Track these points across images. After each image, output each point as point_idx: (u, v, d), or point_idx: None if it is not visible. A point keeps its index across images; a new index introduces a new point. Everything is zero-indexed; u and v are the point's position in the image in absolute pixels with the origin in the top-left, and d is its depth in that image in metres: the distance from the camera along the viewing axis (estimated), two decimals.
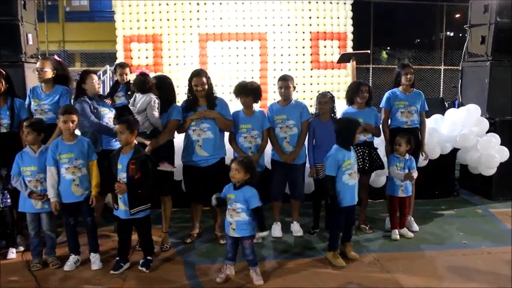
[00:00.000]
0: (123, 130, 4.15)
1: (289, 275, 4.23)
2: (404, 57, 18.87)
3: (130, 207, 4.17)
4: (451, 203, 6.51)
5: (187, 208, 5.30)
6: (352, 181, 4.46)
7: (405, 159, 5.15)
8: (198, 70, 4.97)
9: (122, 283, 4.06)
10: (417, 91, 5.54)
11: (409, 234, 5.13)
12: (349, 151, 4.49)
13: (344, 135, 4.49)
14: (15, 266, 4.43)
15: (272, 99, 7.69)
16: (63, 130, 4.34)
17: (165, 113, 4.75)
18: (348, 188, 4.44)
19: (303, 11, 8.88)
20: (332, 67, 8.97)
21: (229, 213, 4.06)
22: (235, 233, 4.04)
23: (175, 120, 4.80)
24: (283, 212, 5.35)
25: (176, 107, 4.88)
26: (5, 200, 4.56)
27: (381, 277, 4.20)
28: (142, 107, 4.56)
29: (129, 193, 4.15)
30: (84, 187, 4.32)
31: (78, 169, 4.28)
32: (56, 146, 4.30)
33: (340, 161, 4.41)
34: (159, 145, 4.62)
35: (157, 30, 8.65)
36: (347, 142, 4.48)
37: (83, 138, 4.42)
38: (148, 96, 4.58)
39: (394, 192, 5.17)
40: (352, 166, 4.47)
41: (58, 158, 4.26)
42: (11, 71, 5.07)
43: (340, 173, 4.42)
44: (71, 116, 4.26)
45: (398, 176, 5.10)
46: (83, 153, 4.32)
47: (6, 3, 5.91)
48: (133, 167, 4.14)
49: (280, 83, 5.12)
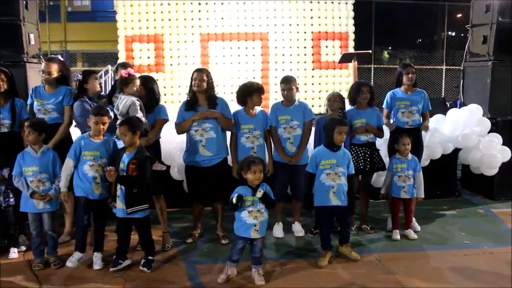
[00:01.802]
0: (126, 132, 4.16)
1: (291, 276, 4.23)
2: (406, 57, 18.88)
3: (127, 206, 4.17)
4: (453, 203, 6.50)
5: (189, 208, 5.31)
6: (329, 182, 4.41)
7: (408, 160, 5.14)
8: (201, 67, 4.98)
9: (123, 283, 4.06)
10: (420, 90, 5.54)
11: (412, 236, 5.11)
12: (334, 152, 4.45)
13: (325, 134, 4.51)
14: (17, 266, 4.43)
15: (274, 99, 7.71)
16: (93, 130, 4.35)
17: (151, 113, 4.74)
18: (323, 188, 4.42)
19: (305, 11, 8.90)
20: (334, 67, 8.99)
21: (252, 216, 3.99)
22: (257, 234, 4.02)
23: (163, 120, 4.81)
24: (284, 213, 5.35)
25: (162, 106, 4.90)
26: (8, 199, 4.57)
27: (382, 277, 4.19)
28: (123, 110, 4.51)
29: (125, 192, 4.16)
30: (103, 186, 4.33)
31: (102, 168, 4.29)
32: (81, 141, 4.34)
33: (318, 159, 4.42)
34: (148, 145, 4.61)
35: (159, 30, 8.67)
36: (328, 141, 4.47)
37: (109, 138, 4.44)
38: (128, 99, 4.52)
39: (397, 194, 5.16)
40: (333, 167, 4.41)
41: (83, 154, 4.28)
42: (13, 71, 5.07)
43: (319, 172, 4.43)
44: (103, 118, 4.30)
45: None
46: (109, 153, 4.35)
47: (8, 3, 5.92)
48: (133, 167, 4.15)
49: (282, 85, 5.10)
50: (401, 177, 5.13)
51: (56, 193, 4.37)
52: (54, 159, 4.40)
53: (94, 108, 4.46)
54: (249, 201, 4.00)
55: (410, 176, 5.13)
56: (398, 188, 5.14)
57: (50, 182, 4.37)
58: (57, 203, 4.44)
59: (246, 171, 3.99)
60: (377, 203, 6.01)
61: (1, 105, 4.79)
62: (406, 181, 5.12)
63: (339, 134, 4.41)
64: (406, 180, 5.12)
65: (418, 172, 5.17)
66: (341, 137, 4.44)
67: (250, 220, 4.01)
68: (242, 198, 3.97)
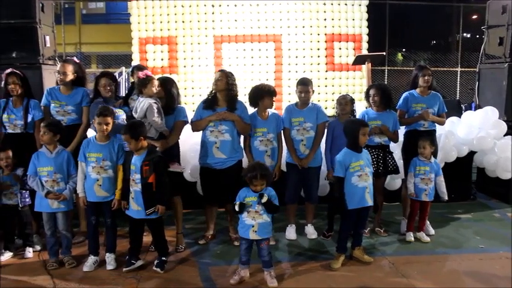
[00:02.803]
0: (128, 139, 4.17)
1: (303, 278, 4.22)
2: (420, 59, 18.77)
3: (146, 208, 4.19)
4: (468, 206, 6.43)
5: (202, 209, 5.32)
6: (362, 183, 4.41)
7: (430, 163, 5.09)
8: (224, 69, 5.02)
9: (136, 283, 4.08)
10: (435, 93, 5.49)
11: (425, 239, 5.07)
12: (359, 153, 4.45)
13: (349, 137, 4.49)
14: (32, 265, 4.47)
15: (287, 101, 7.70)
16: (97, 131, 4.39)
17: (171, 114, 4.76)
18: (357, 190, 4.40)
19: (318, 13, 8.89)
20: (347, 69, 8.96)
21: (250, 216, 4.02)
22: (256, 236, 4.03)
23: (182, 122, 4.82)
24: (297, 215, 5.33)
25: (182, 108, 4.91)
26: (24, 199, 4.62)
27: (395, 281, 4.16)
28: (141, 113, 4.53)
29: (144, 194, 4.18)
30: (106, 189, 4.33)
31: (104, 170, 4.31)
32: (87, 143, 4.38)
33: (347, 163, 4.39)
34: (168, 146, 4.64)
35: (173, 32, 8.72)
36: (353, 144, 4.46)
37: (115, 141, 4.43)
38: (145, 101, 4.53)
39: (418, 196, 5.11)
40: (362, 168, 4.41)
41: (87, 155, 4.32)
42: (29, 73, 5.14)
43: (349, 175, 4.40)
44: (106, 119, 4.31)
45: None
46: (112, 156, 4.35)
47: (25, 6, 6.01)
48: (147, 168, 4.16)
49: (300, 87, 5.07)
50: (424, 180, 5.07)
51: (70, 193, 4.42)
52: (68, 160, 4.45)
53: (98, 109, 4.48)
54: (249, 202, 4.02)
55: (432, 179, 5.08)
56: (420, 190, 5.08)
57: (64, 182, 4.42)
58: (71, 202, 4.48)
59: (249, 183, 4.02)
60: (390, 205, 5.96)
61: (16, 106, 4.87)
62: (428, 184, 5.07)
63: (363, 136, 4.43)
64: (428, 183, 5.07)
65: (440, 175, 5.12)
66: (365, 138, 4.47)
67: (248, 221, 4.03)
68: (244, 206, 4.02)
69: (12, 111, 4.85)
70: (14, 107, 4.87)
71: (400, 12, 15.87)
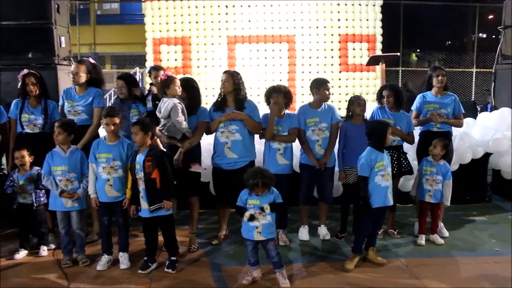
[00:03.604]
0: (137, 131, 4.19)
1: (316, 278, 4.20)
2: (435, 59, 18.61)
3: (150, 204, 4.20)
4: (483, 208, 6.36)
5: (215, 210, 5.33)
6: (385, 182, 4.42)
7: (439, 165, 5.05)
8: (229, 69, 5.02)
9: (149, 283, 4.10)
10: (450, 94, 5.44)
11: (439, 241, 5.02)
12: (382, 152, 4.46)
13: (375, 137, 4.47)
14: (46, 264, 4.53)
15: (300, 102, 7.68)
16: (106, 131, 4.42)
17: (194, 115, 4.79)
18: (380, 189, 4.40)
19: (332, 13, 8.86)
20: (361, 70, 8.92)
21: (255, 217, 4.02)
22: (261, 236, 4.02)
23: (204, 122, 4.83)
24: (310, 215, 5.32)
25: (204, 108, 4.91)
26: (39, 198, 4.67)
27: (409, 283, 4.13)
28: (165, 113, 4.56)
29: (147, 190, 4.19)
30: (117, 189, 4.36)
31: (114, 170, 4.34)
32: (97, 144, 4.40)
33: (373, 162, 4.39)
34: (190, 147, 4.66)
35: (186, 32, 8.76)
36: (379, 143, 4.45)
37: (124, 140, 4.46)
38: (170, 102, 4.56)
39: (422, 197, 5.09)
40: (385, 167, 4.43)
41: (97, 156, 4.35)
42: (45, 73, 5.20)
43: (373, 174, 4.40)
44: (113, 119, 4.33)
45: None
46: (122, 155, 4.38)
47: (41, 8, 6.08)
48: (149, 164, 4.16)
49: (325, 85, 5.06)
50: (428, 181, 5.05)
51: (84, 192, 4.45)
52: (82, 159, 4.49)
53: (104, 109, 4.51)
54: (251, 204, 4.01)
55: (438, 181, 5.04)
56: (424, 190, 5.07)
57: (78, 181, 4.46)
58: (84, 201, 4.52)
59: (250, 189, 4.00)
60: (404, 207, 5.92)
61: (34, 106, 4.93)
62: (433, 185, 5.04)
63: (390, 135, 4.47)
64: (433, 184, 5.04)
65: (448, 180, 5.07)
66: (390, 138, 4.52)
67: (252, 222, 4.02)
68: (254, 217, 3.99)
69: (32, 112, 4.91)
70: (32, 107, 4.93)
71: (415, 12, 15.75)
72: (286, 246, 4.89)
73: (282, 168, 4.95)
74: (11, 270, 4.41)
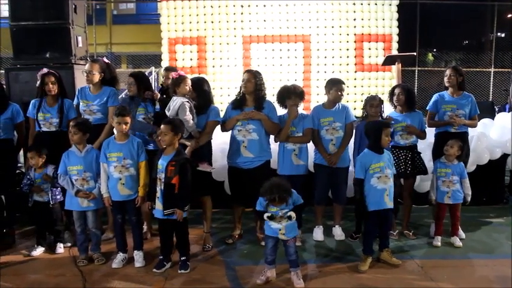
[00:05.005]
0: (167, 131, 4.20)
1: (330, 279, 4.19)
2: (452, 59, 18.38)
3: (164, 208, 4.22)
4: (500, 210, 6.28)
5: (229, 209, 5.34)
6: (381, 185, 4.36)
7: (453, 165, 5.00)
8: (252, 69, 5.08)
9: (163, 282, 4.13)
10: (467, 94, 5.39)
11: (458, 243, 4.96)
12: (380, 154, 4.41)
13: (371, 138, 4.46)
14: (62, 261, 4.59)
15: (315, 102, 7.66)
16: (116, 130, 4.46)
17: (204, 114, 4.79)
18: (375, 192, 4.36)
19: (347, 13, 8.80)
20: (377, 69, 8.85)
21: (276, 220, 4.01)
22: (285, 237, 4.04)
23: (214, 122, 4.84)
24: (325, 216, 5.30)
25: (214, 108, 4.92)
26: (55, 197, 4.72)
27: (424, 285, 4.09)
28: (173, 112, 4.57)
29: (164, 193, 4.20)
30: (129, 187, 4.39)
31: (125, 169, 4.37)
32: (107, 143, 4.44)
33: (367, 164, 4.36)
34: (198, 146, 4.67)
35: (202, 32, 8.77)
36: (375, 145, 4.42)
37: (133, 139, 4.48)
38: (178, 100, 4.58)
39: (441, 199, 5.03)
40: (383, 170, 4.37)
41: (108, 156, 4.38)
42: (62, 73, 5.25)
43: (368, 176, 4.37)
44: (125, 118, 4.36)
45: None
46: (132, 154, 4.40)
47: (58, 8, 6.13)
48: (172, 169, 4.17)
49: (338, 86, 5.03)
50: (445, 183, 5.00)
51: (100, 191, 4.48)
52: (97, 158, 4.51)
53: (116, 108, 4.53)
54: (273, 209, 4.00)
55: (455, 181, 4.98)
56: (442, 193, 5.01)
57: (94, 181, 4.50)
58: (100, 201, 4.54)
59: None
60: (420, 208, 5.87)
61: (51, 105, 5.00)
62: (450, 186, 4.98)
63: (386, 137, 4.39)
64: (450, 185, 4.98)
65: (464, 178, 5.02)
66: (388, 139, 4.43)
67: (275, 225, 4.03)
68: (273, 217, 4.00)
69: (48, 111, 4.97)
70: (49, 106, 4.99)
71: (431, 11, 15.58)
72: (301, 246, 4.88)
73: (297, 168, 4.95)
74: (28, 266, 4.49)
